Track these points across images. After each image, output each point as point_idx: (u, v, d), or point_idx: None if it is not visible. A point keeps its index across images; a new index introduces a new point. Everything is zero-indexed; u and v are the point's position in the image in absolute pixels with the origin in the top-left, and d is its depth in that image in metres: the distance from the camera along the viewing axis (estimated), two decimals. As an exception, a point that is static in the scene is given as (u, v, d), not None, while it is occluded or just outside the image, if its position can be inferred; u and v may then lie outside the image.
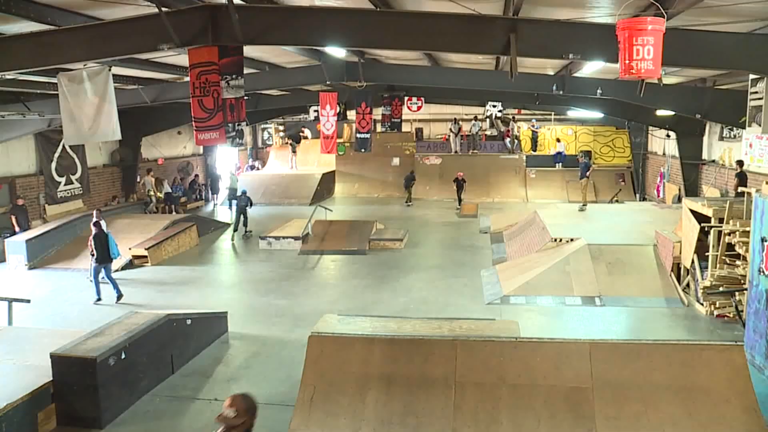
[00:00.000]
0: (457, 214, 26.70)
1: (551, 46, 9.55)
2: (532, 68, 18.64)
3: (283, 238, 20.66)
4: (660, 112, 22.27)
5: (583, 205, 21.78)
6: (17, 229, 20.48)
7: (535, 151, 34.83)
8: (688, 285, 14.26)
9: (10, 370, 9.33)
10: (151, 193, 27.07)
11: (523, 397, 8.01)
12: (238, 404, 4.47)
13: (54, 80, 13.19)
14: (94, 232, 15.31)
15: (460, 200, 28.44)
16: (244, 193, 23.56)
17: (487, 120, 35.06)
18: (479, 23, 9.53)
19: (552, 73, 19.54)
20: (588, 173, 23.13)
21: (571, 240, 16.33)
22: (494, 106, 29.46)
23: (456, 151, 34.08)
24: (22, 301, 12.54)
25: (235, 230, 22.86)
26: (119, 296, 15.07)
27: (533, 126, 35.04)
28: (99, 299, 15.04)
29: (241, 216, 23.01)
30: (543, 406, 7.90)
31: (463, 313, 12.99)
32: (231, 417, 4.41)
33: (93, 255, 15.25)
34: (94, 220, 16.09)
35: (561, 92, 18.59)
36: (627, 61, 7.68)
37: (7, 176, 21.50)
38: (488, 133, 35.97)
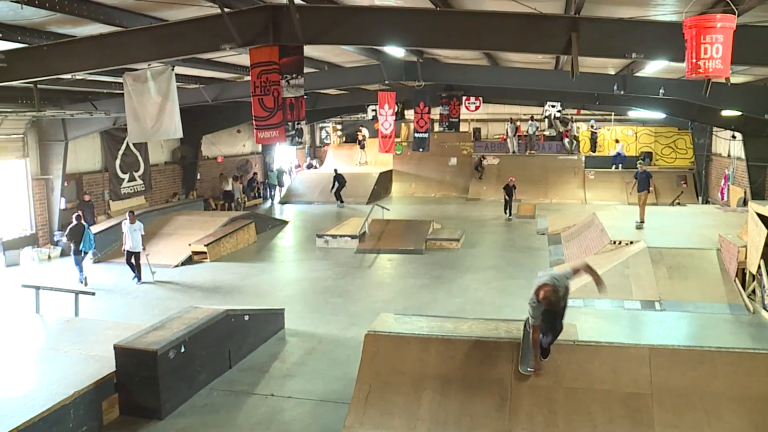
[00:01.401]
0: (508, 222, 25.30)
1: (614, 45, 9.38)
2: (593, 68, 18.36)
3: (340, 236, 20.78)
4: (726, 113, 21.63)
5: (641, 222, 18.76)
6: (84, 223, 21.03)
7: (594, 151, 34.29)
8: (753, 291, 13.83)
9: (77, 360, 9.62)
10: (237, 196, 28.81)
11: (579, 402, 7.89)
12: None
13: (120, 80, 13.54)
14: (74, 223, 16.91)
15: (509, 210, 25.88)
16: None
17: (546, 120, 34.67)
18: (540, 22, 9.43)
19: (613, 72, 19.20)
20: (650, 186, 19.73)
21: (631, 243, 16.03)
22: (553, 106, 29.07)
23: (513, 152, 33.79)
24: (87, 293, 12.88)
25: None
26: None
27: (592, 126, 34.50)
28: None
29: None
30: (600, 411, 7.77)
31: (519, 314, 12.75)
32: None
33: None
34: (76, 213, 17.54)
35: (622, 92, 18.24)
36: (694, 60, 7.48)
37: (75, 173, 22.17)
38: (546, 133, 35.57)
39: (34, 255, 19.92)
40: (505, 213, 25.77)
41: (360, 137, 37.30)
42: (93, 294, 13.07)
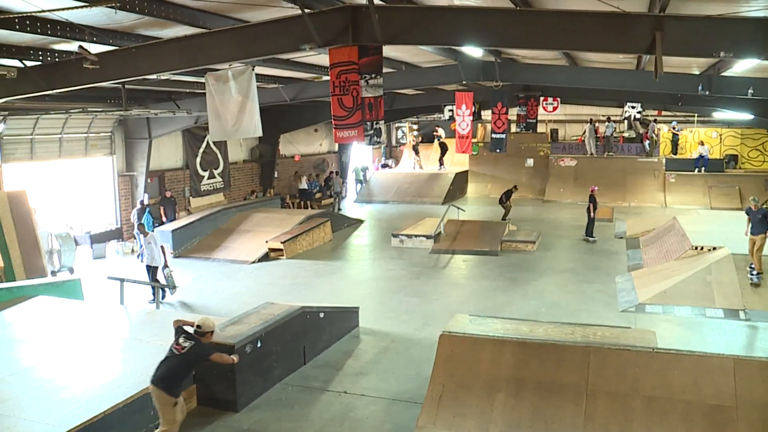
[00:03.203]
0: (585, 240, 21.41)
1: (701, 43, 9.07)
2: (676, 67, 17.82)
3: (415, 236, 20.79)
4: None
5: (758, 273, 14.28)
6: (165, 219, 21.73)
7: (675, 154, 33.27)
8: None
9: (158, 351, 9.83)
10: (339, 190, 30.68)
11: (658, 411, 7.70)
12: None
13: (201, 80, 13.87)
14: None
15: (591, 225, 21.58)
16: None
17: (625, 121, 33.87)
18: (622, 21, 9.21)
19: (698, 72, 18.59)
20: None
21: (714, 249, 15.51)
22: (633, 107, 28.39)
23: (591, 153, 33.13)
24: (168, 287, 13.24)
25: None
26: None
27: (674, 128, 33.49)
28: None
29: None
30: (680, 422, 7.56)
31: (595, 319, 12.62)
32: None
33: None
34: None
35: (707, 93, 17.61)
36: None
37: (157, 170, 22.86)
38: (626, 135, 34.75)
39: (119, 248, 20.65)
40: (586, 234, 21.53)
41: (414, 142, 37.18)
42: (174, 288, 13.43)
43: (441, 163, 35.23)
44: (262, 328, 9.85)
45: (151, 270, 14.95)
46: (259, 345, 9.62)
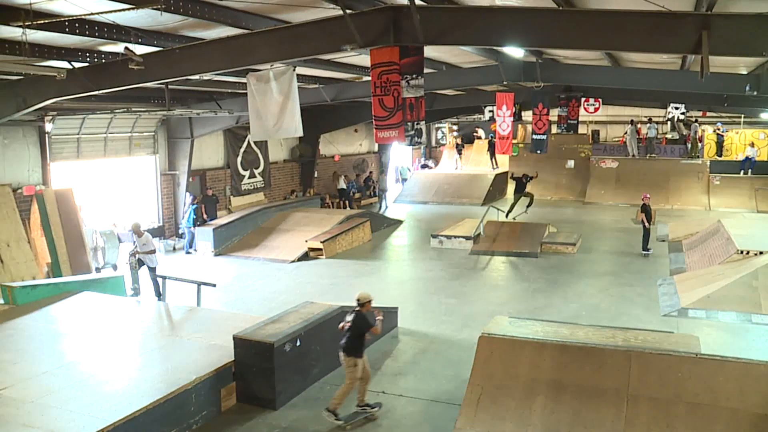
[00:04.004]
0: (644, 256, 19.29)
1: (749, 43, 8.84)
2: (723, 67, 17.45)
3: (455, 237, 20.73)
4: None
5: None
6: (206, 217, 21.97)
7: (720, 156, 32.60)
8: None
9: (199, 347, 10.06)
10: (386, 188, 31.17)
11: (702, 418, 7.55)
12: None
13: (243, 80, 14.01)
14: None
15: (647, 237, 19.48)
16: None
17: (668, 123, 33.36)
18: (667, 20, 9.05)
19: (745, 71, 18.21)
20: None
21: (761, 253, 15.18)
22: (676, 108, 27.98)
23: (633, 155, 32.67)
24: (208, 285, 13.39)
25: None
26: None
27: (718, 129, 32.84)
28: None
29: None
30: (725, 430, 7.40)
31: (636, 323, 12.45)
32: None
33: None
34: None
35: (755, 93, 17.22)
36: None
37: (199, 169, 23.15)
38: (669, 136, 34.22)
39: (161, 246, 20.91)
40: (644, 246, 19.46)
41: (457, 142, 37.02)
42: (214, 285, 13.58)
43: (494, 163, 35.08)
44: (302, 327, 9.92)
45: (151, 271, 14.66)
46: (298, 344, 9.68)
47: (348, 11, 9.54)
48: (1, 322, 11.53)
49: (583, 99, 26.00)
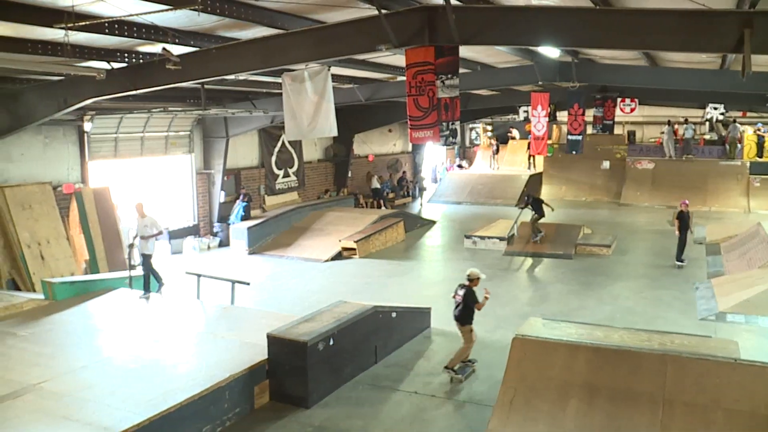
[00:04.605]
0: (677, 266, 17.84)
1: (796, 40, 8.65)
2: (765, 66, 17.12)
3: (488, 237, 20.65)
4: None
5: None
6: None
7: (761, 157, 31.98)
8: None
9: (233, 345, 10.15)
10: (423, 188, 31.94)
11: (741, 426, 7.39)
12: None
13: (278, 80, 14.09)
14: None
15: (681, 247, 18.12)
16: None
17: (707, 123, 32.82)
18: (708, 18, 8.87)
19: (789, 70, 17.85)
20: None
21: (803, 256, 14.91)
22: (715, 108, 27.51)
23: (670, 156, 32.22)
24: (242, 283, 13.49)
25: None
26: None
27: (759, 130, 32.23)
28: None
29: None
30: (764, 438, 7.26)
31: (672, 327, 12.26)
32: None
33: None
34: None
35: (799, 93, 16.87)
36: None
37: (234, 168, 23.34)
38: (707, 137, 33.68)
39: (196, 244, 21.17)
40: (678, 256, 18.09)
41: (494, 143, 36.86)
42: (248, 284, 13.67)
43: (530, 164, 34.87)
44: (335, 327, 9.95)
45: (145, 259, 13.63)
46: (331, 343, 9.72)
47: (383, 11, 9.54)
48: (41, 317, 11.79)
49: (619, 99, 25.72)
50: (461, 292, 10.46)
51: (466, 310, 10.37)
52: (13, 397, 8.33)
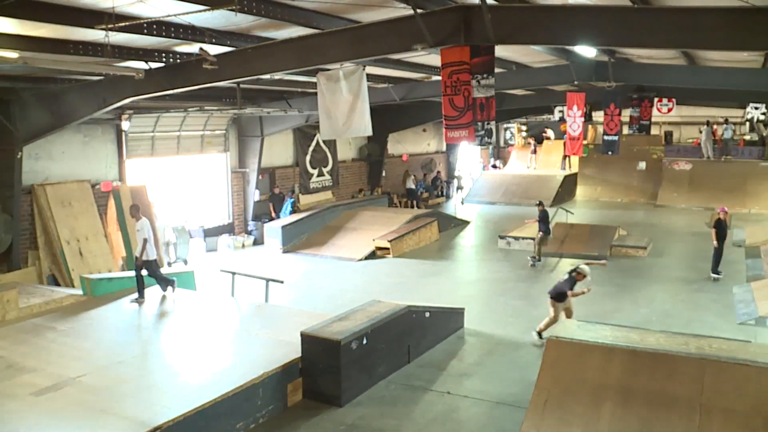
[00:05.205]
0: (714, 280, 16.49)
1: None
2: (809, 65, 16.79)
3: (522, 238, 20.52)
4: None
5: None
6: (274, 215, 22.35)
7: (804, 157, 31.39)
8: None
9: (266, 343, 10.23)
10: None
11: (785, 433, 7.24)
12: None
13: (313, 79, 14.15)
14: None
15: (717, 257, 16.69)
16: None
17: (747, 123, 32.24)
18: (752, 16, 8.66)
19: (834, 69, 17.45)
20: None
21: None
22: (756, 108, 26.98)
23: (708, 157, 31.72)
24: (276, 281, 13.57)
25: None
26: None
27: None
28: None
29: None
30: (807, 446, 7.09)
31: (710, 330, 12.09)
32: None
33: None
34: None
35: None
36: None
37: (268, 167, 23.52)
38: (747, 137, 33.09)
39: (230, 242, 21.37)
40: (712, 270, 16.71)
41: (533, 142, 36.67)
42: (282, 282, 13.75)
43: (565, 164, 34.61)
44: (368, 326, 9.96)
45: (147, 265, 12.75)
46: (364, 342, 9.73)
47: (419, 11, 9.54)
48: (80, 312, 12.00)
49: (656, 99, 25.34)
50: (565, 278, 12.04)
51: (560, 291, 11.85)
52: (55, 389, 8.51)
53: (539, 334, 11.78)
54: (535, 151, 36.09)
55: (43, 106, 14.84)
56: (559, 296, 11.83)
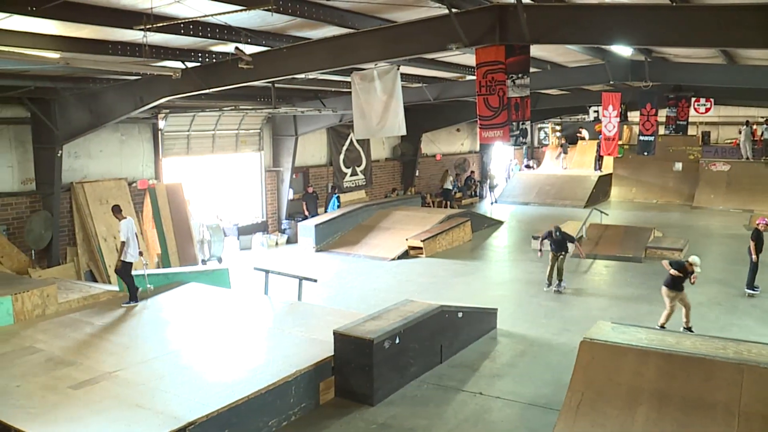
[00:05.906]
0: (749, 295, 15.36)
1: None
2: None
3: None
4: None
5: None
6: (307, 214, 22.46)
7: None
8: None
9: (299, 341, 10.29)
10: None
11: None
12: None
13: (347, 79, 14.18)
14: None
15: (753, 272, 15.44)
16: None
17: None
18: (794, 14, 8.53)
19: None
20: None
21: None
22: (798, 108, 26.46)
23: (747, 158, 31.15)
24: (310, 279, 13.64)
25: None
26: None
27: None
28: None
29: None
30: None
31: (748, 335, 11.87)
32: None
33: None
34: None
35: None
36: None
37: (302, 166, 23.65)
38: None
39: (264, 241, 21.52)
40: (749, 283, 15.57)
41: (562, 143, 36.38)
42: (315, 281, 13.81)
43: (598, 165, 34.30)
44: (401, 325, 9.97)
45: (124, 267, 12.52)
46: (397, 341, 9.74)
47: (454, 10, 9.51)
48: (116, 308, 12.20)
49: (693, 99, 24.94)
50: (675, 267, 12.30)
51: (676, 280, 12.28)
52: (92, 383, 8.67)
53: (690, 329, 12.36)
54: (565, 152, 35.79)
55: (82, 105, 15.10)
56: (676, 284, 12.31)
